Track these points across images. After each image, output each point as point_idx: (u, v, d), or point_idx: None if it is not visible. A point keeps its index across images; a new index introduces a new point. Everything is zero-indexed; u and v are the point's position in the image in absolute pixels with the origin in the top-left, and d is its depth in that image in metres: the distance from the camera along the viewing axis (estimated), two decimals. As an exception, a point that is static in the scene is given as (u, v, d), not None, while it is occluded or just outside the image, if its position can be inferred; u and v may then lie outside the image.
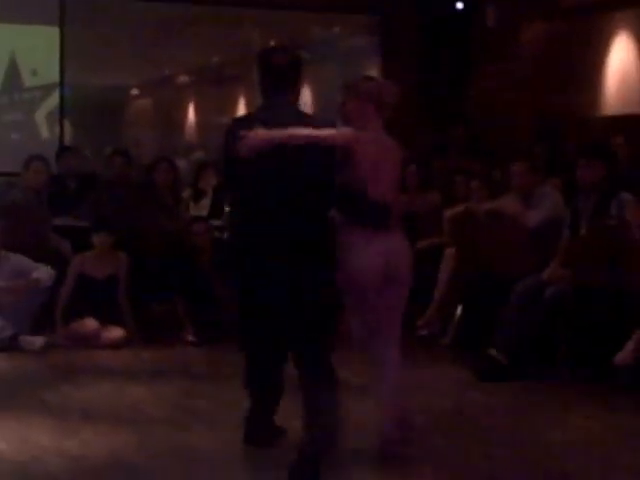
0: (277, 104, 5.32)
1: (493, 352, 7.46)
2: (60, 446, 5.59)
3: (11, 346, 8.32)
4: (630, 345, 6.74)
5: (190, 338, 8.55)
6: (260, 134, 4.96)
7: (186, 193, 10.36)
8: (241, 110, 15.23)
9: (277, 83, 5.34)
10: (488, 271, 8.18)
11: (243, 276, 5.35)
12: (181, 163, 11.82)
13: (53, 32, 11.47)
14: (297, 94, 5.50)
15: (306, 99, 15.50)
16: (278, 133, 4.95)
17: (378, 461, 5.61)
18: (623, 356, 6.74)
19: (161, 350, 8.08)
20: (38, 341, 8.40)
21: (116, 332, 8.56)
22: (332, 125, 5.32)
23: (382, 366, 5.65)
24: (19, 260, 8.74)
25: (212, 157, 11.33)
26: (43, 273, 8.67)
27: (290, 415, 5.54)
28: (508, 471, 5.35)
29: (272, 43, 14.30)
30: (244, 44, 13.66)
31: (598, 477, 5.26)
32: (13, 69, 11.42)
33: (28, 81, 11.49)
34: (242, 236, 5.36)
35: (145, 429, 5.93)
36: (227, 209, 7.49)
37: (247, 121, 5.34)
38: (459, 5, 12.24)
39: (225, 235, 8.48)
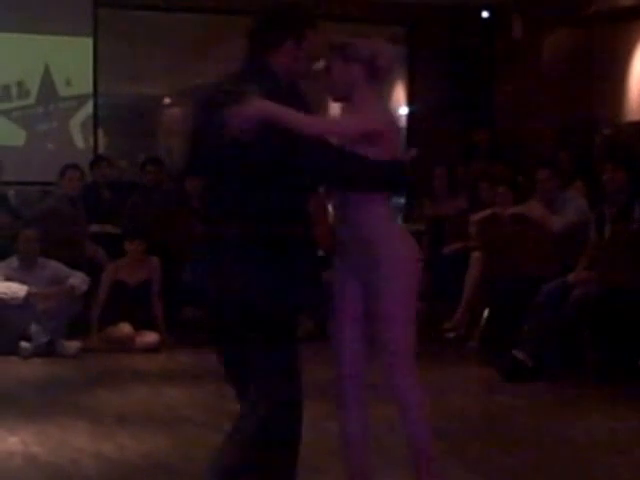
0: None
1: (519, 354, 7.46)
2: (96, 449, 5.59)
3: (48, 351, 8.38)
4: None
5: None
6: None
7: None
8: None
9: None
10: (514, 274, 8.17)
11: None
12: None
13: (86, 43, 11.51)
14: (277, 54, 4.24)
15: (334, 109, 15.56)
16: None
17: (400, 461, 5.62)
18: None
19: (195, 353, 8.08)
20: (74, 346, 8.44)
21: (150, 336, 8.60)
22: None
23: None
24: (55, 267, 8.80)
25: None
26: (78, 280, 8.73)
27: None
28: (533, 471, 5.33)
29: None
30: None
31: (625, 473, 5.25)
32: (48, 79, 11.47)
33: (62, 91, 11.53)
34: None
35: (180, 431, 5.95)
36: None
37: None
38: (485, 14, 12.21)
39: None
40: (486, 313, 8.58)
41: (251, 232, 4.02)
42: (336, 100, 4.57)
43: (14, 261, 8.74)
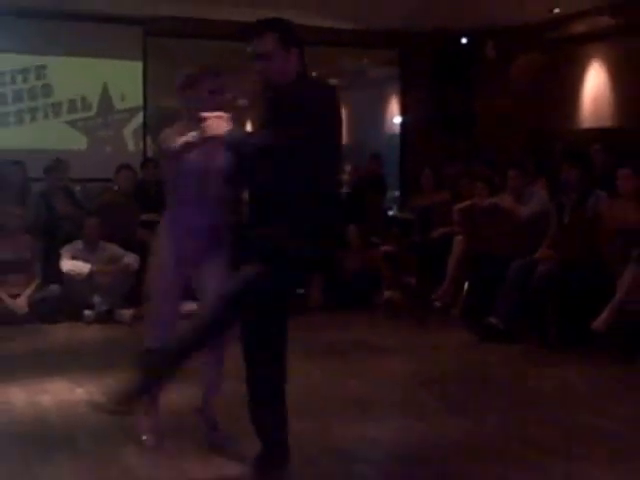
0: None
1: (493, 319, 7.46)
2: (147, 398, 5.59)
3: (107, 318, 8.38)
4: (604, 313, 6.70)
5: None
6: None
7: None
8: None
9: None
10: (489, 254, 8.14)
11: None
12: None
13: (137, 66, 11.49)
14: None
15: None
16: None
17: (397, 404, 5.61)
18: (599, 321, 6.71)
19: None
20: (128, 314, 8.42)
21: (190, 305, 8.54)
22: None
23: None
24: (112, 249, 8.79)
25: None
26: (131, 259, 8.71)
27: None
28: (505, 412, 5.33)
29: (313, 74, 14.34)
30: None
31: (579, 417, 5.22)
32: (106, 95, 11.44)
33: (118, 105, 11.50)
34: None
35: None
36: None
37: None
38: (464, 40, 12.17)
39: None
40: (466, 286, 8.56)
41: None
42: None
43: (79, 244, 8.73)
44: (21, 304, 8.31)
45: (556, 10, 10.35)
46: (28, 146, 10.61)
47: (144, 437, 4.66)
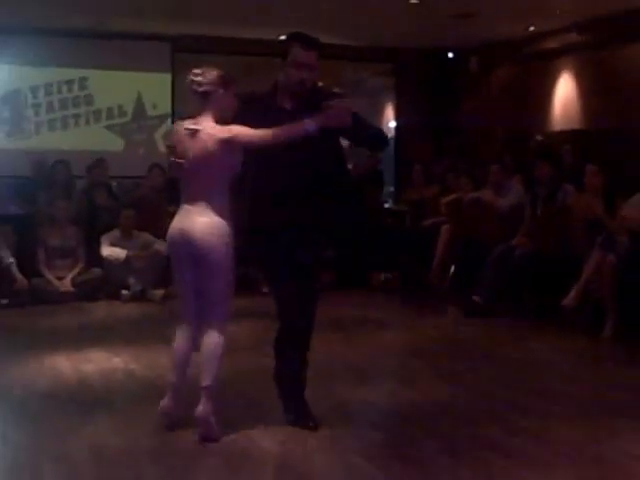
0: None
1: (476, 297, 7.45)
2: (176, 365, 5.59)
3: (140, 297, 8.38)
4: (572, 292, 6.69)
5: (264, 289, 8.44)
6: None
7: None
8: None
9: None
10: (473, 240, 8.14)
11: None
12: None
13: (167, 78, 11.45)
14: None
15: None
16: None
17: (392, 372, 5.60)
18: (567, 300, 6.70)
19: (246, 298, 8.04)
20: (159, 293, 8.41)
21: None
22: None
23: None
24: (145, 236, 8.78)
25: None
26: (161, 246, 8.68)
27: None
28: (488, 379, 5.32)
29: (320, 84, 14.29)
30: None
31: (551, 381, 5.22)
32: (139, 104, 11.42)
33: (150, 112, 11.48)
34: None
35: (239, 355, 5.85)
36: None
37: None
38: (450, 54, 12.13)
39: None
40: (453, 268, 8.56)
41: None
42: None
43: (116, 232, 8.72)
44: (67, 285, 8.33)
45: (531, 28, 10.31)
46: (72, 148, 10.61)
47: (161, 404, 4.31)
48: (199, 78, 4.22)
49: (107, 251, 8.54)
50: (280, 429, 4.22)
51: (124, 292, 8.37)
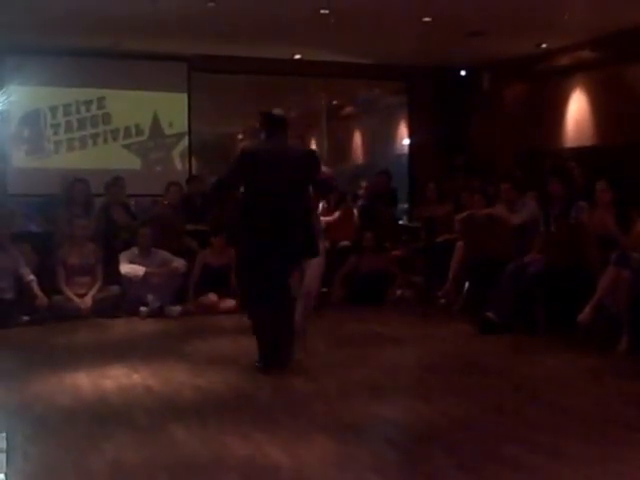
0: (276, 141, 5.88)
1: (490, 314, 7.42)
2: (193, 382, 5.62)
3: (159, 314, 8.41)
4: (587, 308, 6.66)
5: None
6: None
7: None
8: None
9: (277, 128, 5.90)
10: (486, 257, 8.12)
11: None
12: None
13: (183, 97, 11.54)
14: (286, 135, 5.95)
15: (356, 142, 15.53)
16: None
17: (406, 388, 5.60)
18: (582, 317, 6.67)
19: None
20: (176, 310, 8.47)
21: (229, 303, 8.57)
22: (310, 152, 6.56)
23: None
24: (163, 254, 8.82)
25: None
26: (179, 263, 8.76)
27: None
28: (500, 394, 5.31)
29: (334, 102, 14.32)
30: (312, 103, 13.68)
31: (568, 398, 5.20)
32: (156, 122, 11.49)
33: (167, 130, 11.55)
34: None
35: (253, 370, 5.91)
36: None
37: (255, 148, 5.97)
38: (462, 72, 12.16)
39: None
40: (467, 285, 8.54)
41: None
42: None
43: (135, 250, 8.77)
44: (86, 302, 8.37)
45: (543, 45, 10.33)
46: (91, 166, 10.67)
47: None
48: None
49: (126, 268, 8.59)
50: (296, 444, 4.23)
51: (142, 309, 8.40)
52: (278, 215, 5.71)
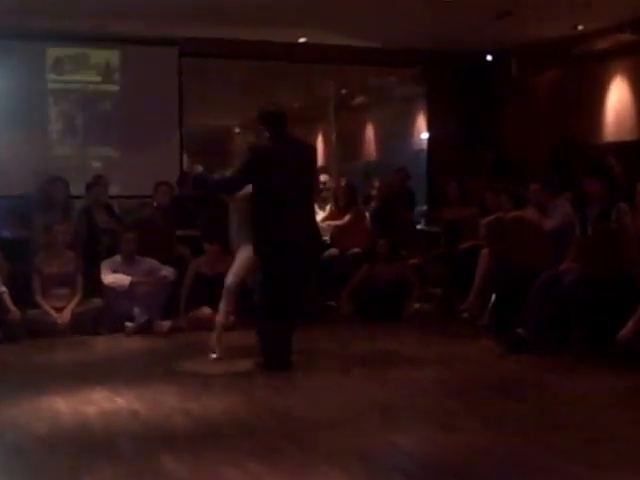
0: (284, 138, 6.59)
1: (520, 330, 7.42)
2: (185, 407, 5.62)
3: (146, 330, 8.44)
4: (629, 323, 6.67)
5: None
6: None
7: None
8: (319, 144, 15.30)
9: (283, 125, 6.61)
10: (515, 266, 8.13)
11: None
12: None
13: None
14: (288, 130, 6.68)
15: (368, 136, 15.57)
16: None
17: (424, 413, 5.61)
18: (624, 333, 6.67)
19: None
20: (165, 325, 8.50)
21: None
22: (313, 148, 7.39)
23: None
24: (149, 262, 8.86)
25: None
26: (168, 271, 8.80)
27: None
28: (535, 421, 5.30)
29: (343, 91, 14.37)
30: (318, 92, 13.72)
31: (603, 424, 5.22)
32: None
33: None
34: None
35: (252, 393, 5.96)
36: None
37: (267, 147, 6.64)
38: (488, 57, 12.19)
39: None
40: (493, 298, 8.55)
41: None
42: None
43: (118, 258, 8.82)
44: (65, 317, 8.40)
45: (579, 27, 10.35)
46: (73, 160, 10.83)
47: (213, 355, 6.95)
48: None
49: (110, 278, 8.63)
50: (299, 477, 4.25)
51: (128, 324, 8.44)
52: (294, 216, 6.47)
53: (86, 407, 5.67)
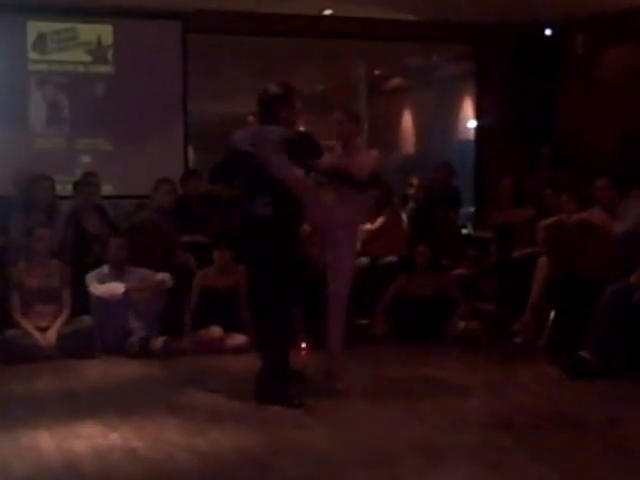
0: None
1: (585, 353, 7.41)
2: (190, 444, 5.63)
3: (144, 349, 8.43)
4: None
5: (303, 345, 8.47)
6: None
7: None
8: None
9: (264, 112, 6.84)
10: (579, 277, 8.14)
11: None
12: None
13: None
14: (283, 117, 6.78)
15: (406, 125, 15.58)
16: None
17: (472, 451, 5.62)
18: None
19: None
20: (160, 341, 8.46)
21: (239, 339, 8.60)
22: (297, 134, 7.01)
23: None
24: (142, 272, 8.89)
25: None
26: (165, 276, 8.81)
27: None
28: (599, 463, 5.31)
29: (376, 72, 14.39)
30: (347, 73, 13.73)
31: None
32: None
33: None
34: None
35: (268, 428, 5.97)
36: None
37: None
38: (547, 31, 12.17)
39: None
40: (552, 315, 8.55)
41: None
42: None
43: (105, 268, 8.83)
44: (50, 338, 8.39)
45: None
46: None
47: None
48: None
49: (100, 289, 8.65)
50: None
51: (131, 339, 8.46)
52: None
53: (74, 444, 5.68)
